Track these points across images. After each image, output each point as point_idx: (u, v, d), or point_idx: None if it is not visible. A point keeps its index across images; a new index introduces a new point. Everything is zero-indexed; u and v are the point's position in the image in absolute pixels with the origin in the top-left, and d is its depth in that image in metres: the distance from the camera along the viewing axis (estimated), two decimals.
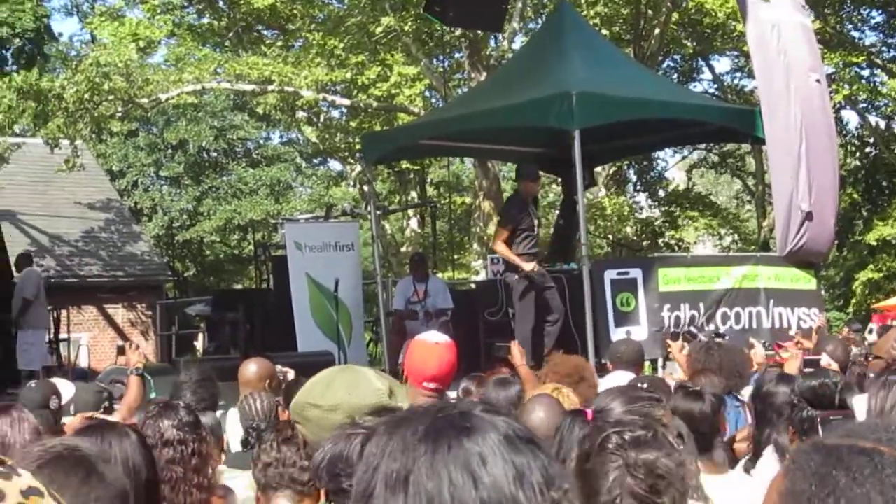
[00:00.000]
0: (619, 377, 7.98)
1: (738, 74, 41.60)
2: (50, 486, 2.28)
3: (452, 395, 7.60)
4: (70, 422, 7.15)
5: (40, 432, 4.78)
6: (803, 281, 16.25)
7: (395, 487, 1.89)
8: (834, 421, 5.72)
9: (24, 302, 19.75)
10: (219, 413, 7.30)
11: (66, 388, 8.62)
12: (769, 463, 5.95)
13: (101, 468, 2.74)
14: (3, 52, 45.22)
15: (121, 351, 11.32)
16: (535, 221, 15.27)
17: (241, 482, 5.56)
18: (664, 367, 13.63)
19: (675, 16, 33.72)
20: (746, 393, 7.81)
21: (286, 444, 4.61)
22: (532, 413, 5.49)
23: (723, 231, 43.66)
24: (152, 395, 12.79)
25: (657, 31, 33.26)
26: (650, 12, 33.65)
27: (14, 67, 41.38)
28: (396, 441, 1.94)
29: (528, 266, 14.63)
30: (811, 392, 6.11)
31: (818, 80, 16.07)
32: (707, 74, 43.24)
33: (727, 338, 11.83)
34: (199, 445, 5.21)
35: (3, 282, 21.01)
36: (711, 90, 41.07)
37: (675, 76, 40.22)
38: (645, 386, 5.37)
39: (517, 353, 9.48)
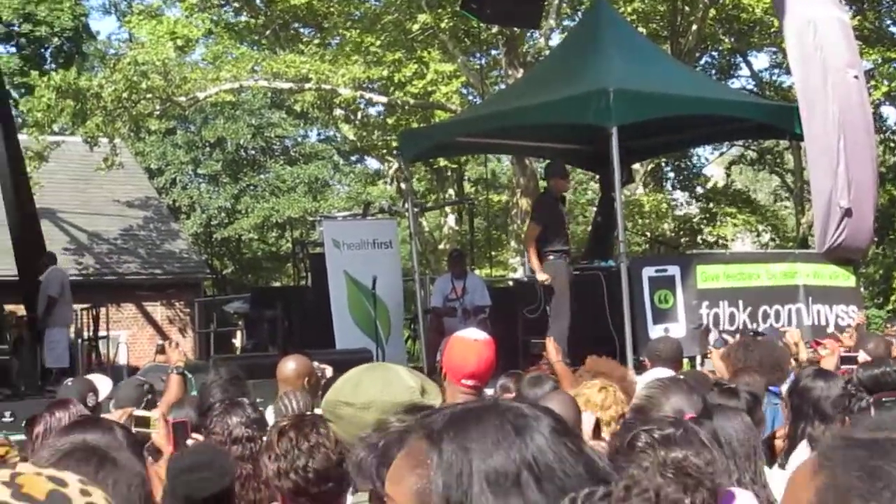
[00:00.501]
0: (658, 373, 7.95)
1: (777, 71, 41.34)
2: None
3: (490, 392, 7.61)
4: (110, 417, 7.17)
5: None
6: (842, 278, 16.18)
7: (502, 484, 1.89)
8: (887, 402, 5.71)
9: (49, 300, 19.82)
10: None
11: (104, 384, 8.66)
12: (803, 456, 5.89)
13: (113, 454, 2.76)
14: (42, 50, 45.44)
15: (160, 350, 11.38)
16: (565, 219, 15.30)
17: None
18: (702, 364, 13.58)
19: (712, 12, 33.60)
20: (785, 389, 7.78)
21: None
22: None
23: (761, 228, 43.46)
24: (193, 394, 12.86)
25: (694, 27, 33.15)
26: (687, 8, 33.53)
27: (53, 66, 41.59)
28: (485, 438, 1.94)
29: (542, 277, 14.73)
30: (872, 380, 6.08)
31: (856, 76, 15.95)
32: (745, 71, 43.06)
33: (765, 335, 11.77)
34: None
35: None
36: (749, 86, 40.87)
37: (713, 73, 40.06)
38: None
39: (552, 349, 9.45)
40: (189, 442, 5.63)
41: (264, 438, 5.09)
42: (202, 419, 6.32)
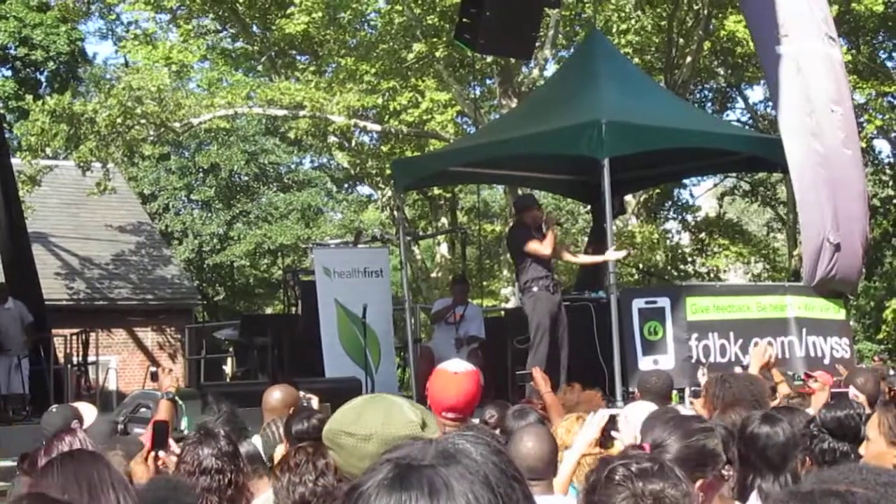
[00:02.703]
0: (642, 407, 7.95)
1: (771, 103, 41.39)
2: None
3: (476, 421, 7.61)
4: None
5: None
6: (833, 311, 16.20)
7: None
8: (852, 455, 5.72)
9: None
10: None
11: (89, 413, 8.64)
12: None
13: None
14: (37, 74, 45.49)
15: (154, 377, 11.37)
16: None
17: None
18: (691, 394, 13.57)
19: (707, 45, 33.71)
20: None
21: (324, 477, 4.62)
22: (520, 443, 5.53)
23: (752, 259, 43.52)
24: (184, 420, 12.83)
25: (689, 59, 33.25)
26: (682, 41, 33.64)
27: (48, 90, 41.65)
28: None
29: (615, 255, 14.80)
30: (835, 423, 6.04)
31: (842, 113, 15.96)
32: (740, 103, 43.21)
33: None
34: (235, 476, 5.26)
35: (37, 302, 21.12)
36: (744, 119, 41.03)
37: (708, 105, 40.20)
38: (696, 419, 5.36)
39: (540, 380, 9.43)
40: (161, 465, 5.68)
41: (233, 473, 5.14)
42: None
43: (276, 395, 7.98)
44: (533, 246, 14.72)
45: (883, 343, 40.86)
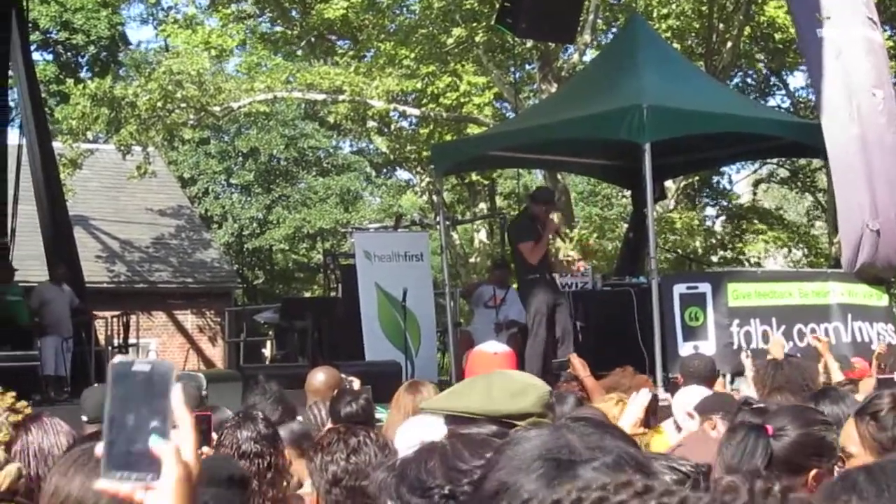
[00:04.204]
0: (693, 391, 7.94)
1: (812, 90, 41.07)
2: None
3: None
4: None
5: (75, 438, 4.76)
6: (875, 297, 16.10)
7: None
8: None
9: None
10: None
11: None
12: None
13: None
14: (78, 59, 45.69)
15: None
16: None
17: None
18: (732, 382, 13.52)
19: (747, 30, 33.49)
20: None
21: (356, 454, 4.61)
22: None
23: (791, 245, 43.21)
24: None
25: (729, 45, 33.04)
26: (722, 26, 33.43)
27: (88, 74, 41.81)
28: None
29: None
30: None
31: (883, 97, 15.84)
32: (781, 89, 42.88)
33: (799, 354, 11.73)
34: (275, 459, 5.23)
35: (78, 285, 21.21)
36: (785, 105, 40.73)
37: (749, 91, 39.92)
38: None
39: (578, 365, 9.43)
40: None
41: (272, 456, 5.14)
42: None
43: (320, 377, 8.00)
44: (524, 247, 15.07)
45: None
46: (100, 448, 2.09)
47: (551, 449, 1.98)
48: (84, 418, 7.22)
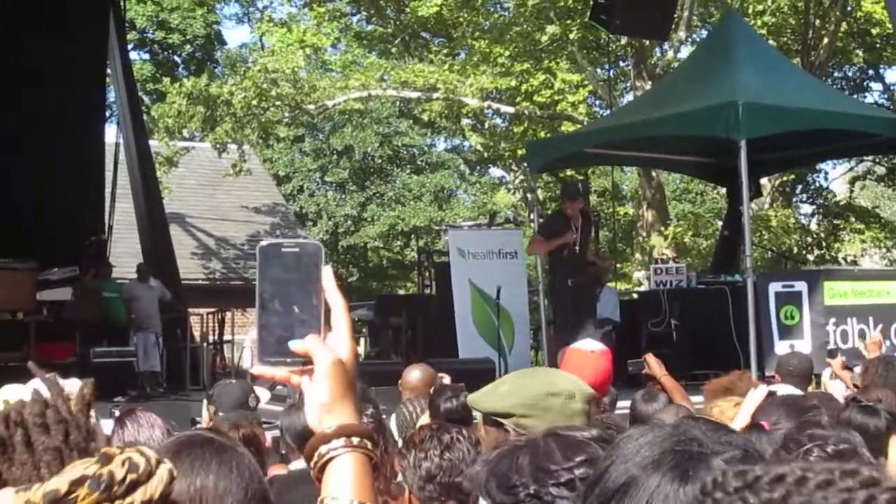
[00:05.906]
0: (782, 390, 7.87)
1: None
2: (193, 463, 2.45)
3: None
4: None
5: (169, 432, 4.84)
6: None
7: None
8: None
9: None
10: None
11: (263, 394, 8.74)
12: None
13: (227, 442, 2.79)
14: (174, 58, 46.14)
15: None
16: (579, 238, 15.19)
17: None
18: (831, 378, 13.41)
19: (844, 25, 33.14)
20: None
21: (449, 451, 4.63)
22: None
23: (890, 244, 42.66)
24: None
25: (826, 41, 32.72)
26: (818, 22, 33.11)
27: (184, 73, 42.22)
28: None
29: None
30: None
31: None
32: (878, 86, 42.37)
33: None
34: (384, 444, 5.28)
35: (174, 282, 21.40)
36: (882, 102, 40.22)
37: (845, 87, 39.48)
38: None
39: (655, 364, 9.39)
40: None
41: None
42: None
43: (416, 374, 8.03)
44: (534, 238, 15.43)
45: None
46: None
47: (681, 441, 1.99)
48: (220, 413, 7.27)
